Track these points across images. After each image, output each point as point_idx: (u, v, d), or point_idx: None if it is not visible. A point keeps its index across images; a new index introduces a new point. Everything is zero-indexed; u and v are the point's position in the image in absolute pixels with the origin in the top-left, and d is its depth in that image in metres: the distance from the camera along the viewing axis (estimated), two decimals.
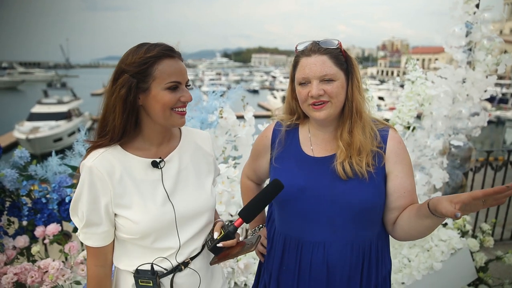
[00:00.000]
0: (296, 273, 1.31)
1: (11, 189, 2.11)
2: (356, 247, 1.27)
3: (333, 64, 1.21)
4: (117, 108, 1.06)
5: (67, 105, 22.85)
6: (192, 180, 1.22)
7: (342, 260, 1.26)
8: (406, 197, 1.24)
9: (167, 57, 1.07)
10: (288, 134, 1.39)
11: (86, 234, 1.12)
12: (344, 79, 1.24)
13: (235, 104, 2.40)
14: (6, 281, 1.76)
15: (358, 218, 1.25)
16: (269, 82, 62.64)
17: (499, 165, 3.70)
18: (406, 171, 1.26)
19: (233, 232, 1.17)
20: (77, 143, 2.23)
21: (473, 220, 3.53)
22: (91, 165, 1.07)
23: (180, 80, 1.09)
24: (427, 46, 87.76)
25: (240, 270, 1.95)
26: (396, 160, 1.25)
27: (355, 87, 1.25)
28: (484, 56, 2.65)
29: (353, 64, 1.26)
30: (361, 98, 1.26)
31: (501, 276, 2.75)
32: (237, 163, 2.43)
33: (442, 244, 2.38)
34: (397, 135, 1.29)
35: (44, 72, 73.23)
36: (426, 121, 2.77)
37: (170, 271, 1.16)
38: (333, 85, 1.20)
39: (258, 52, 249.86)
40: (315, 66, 1.20)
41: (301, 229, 1.31)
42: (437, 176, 2.52)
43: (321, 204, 1.26)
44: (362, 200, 1.22)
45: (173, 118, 1.10)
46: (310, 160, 1.31)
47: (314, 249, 1.28)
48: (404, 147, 1.28)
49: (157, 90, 1.06)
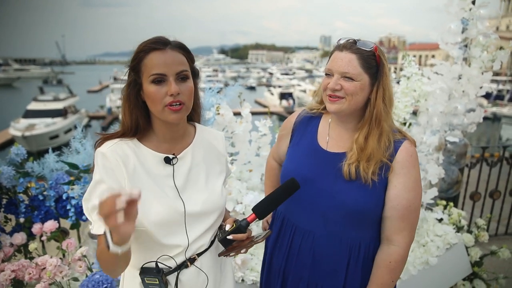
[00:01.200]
0: (286, 254, 1.40)
1: (8, 186, 2.11)
2: (344, 243, 1.31)
3: (359, 65, 1.23)
4: (125, 103, 1.10)
5: (63, 102, 22.75)
6: (203, 178, 1.21)
7: (328, 253, 1.31)
8: (398, 210, 1.25)
9: (154, 50, 1.06)
10: (310, 121, 1.44)
11: (99, 221, 1.02)
12: (368, 82, 1.25)
13: (232, 100, 2.41)
14: (3, 278, 1.76)
15: (350, 218, 1.28)
16: (266, 78, 62.58)
17: (494, 161, 3.73)
18: (407, 185, 1.25)
19: (245, 227, 1.17)
20: (74, 140, 2.23)
21: (468, 215, 3.56)
22: (105, 151, 1.07)
23: (163, 72, 1.04)
24: (424, 43, 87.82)
25: (237, 266, 1.96)
26: (400, 171, 1.25)
27: (379, 94, 1.25)
28: (480, 52, 2.66)
29: (383, 72, 1.26)
30: (384, 107, 1.26)
31: (496, 270, 2.78)
32: (234, 160, 2.43)
33: (438, 239, 2.40)
34: (411, 148, 1.28)
35: (40, 69, 72.75)
36: (422, 117, 2.78)
37: (175, 268, 1.14)
38: (351, 84, 1.23)
39: (255, 48, 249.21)
40: (341, 61, 1.24)
41: (297, 215, 1.37)
42: (433, 172, 2.54)
43: (318, 197, 1.30)
44: (356, 202, 1.25)
45: (165, 114, 1.07)
46: (321, 153, 1.35)
47: (304, 236, 1.35)
48: (413, 161, 1.27)
49: (145, 84, 1.07)
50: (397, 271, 1.28)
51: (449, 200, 2.88)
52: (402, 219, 1.27)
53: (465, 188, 3.73)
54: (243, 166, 2.49)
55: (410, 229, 1.29)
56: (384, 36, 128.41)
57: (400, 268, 1.29)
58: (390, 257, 1.28)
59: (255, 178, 2.49)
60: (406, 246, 1.28)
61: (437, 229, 2.46)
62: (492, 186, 3.82)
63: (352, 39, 1.27)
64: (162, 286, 1.12)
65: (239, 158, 2.44)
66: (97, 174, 1.06)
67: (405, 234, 1.28)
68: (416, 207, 1.28)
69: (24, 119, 19.81)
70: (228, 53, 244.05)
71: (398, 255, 1.27)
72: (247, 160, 2.50)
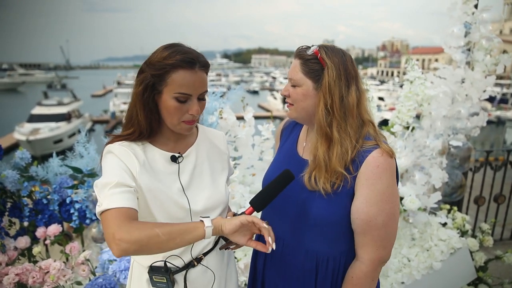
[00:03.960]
0: (263, 257, 1.39)
1: (12, 190, 2.12)
2: (310, 255, 1.26)
3: (301, 70, 1.20)
4: (137, 103, 1.10)
5: (67, 107, 22.86)
6: (207, 176, 1.24)
7: (295, 263, 1.29)
8: (357, 224, 1.18)
9: (184, 68, 1.07)
10: (295, 127, 1.43)
11: (112, 196, 0.97)
12: (311, 87, 1.19)
13: (235, 105, 2.41)
14: (7, 282, 1.77)
15: (315, 230, 1.24)
16: (269, 83, 62.61)
17: (499, 165, 3.71)
18: (368, 198, 1.15)
19: None
20: (78, 144, 2.25)
21: (472, 219, 3.54)
22: (116, 147, 1.09)
23: (190, 92, 1.08)
24: (427, 47, 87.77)
25: (240, 270, 1.96)
26: (364, 183, 1.16)
27: (321, 100, 1.16)
28: (483, 56, 2.66)
29: (327, 74, 1.15)
30: (327, 114, 1.16)
31: (501, 275, 2.76)
32: (237, 164, 2.43)
33: (442, 243, 2.38)
34: (380, 157, 1.15)
35: (44, 74, 73.21)
36: (425, 121, 2.78)
37: (183, 268, 1.17)
38: (294, 90, 1.22)
39: (258, 52, 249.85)
40: (290, 69, 1.25)
41: (271, 220, 1.30)
42: (437, 176, 2.53)
43: (287, 204, 1.28)
44: (319, 211, 1.21)
45: (180, 127, 1.13)
46: (296, 159, 1.33)
47: (277, 242, 1.28)
48: (380, 172, 1.15)
49: (167, 96, 1.08)
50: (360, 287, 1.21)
51: (453, 204, 2.86)
52: (364, 234, 1.19)
53: (469, 192, 3.71)
54: (246, 170, 2.49)
55: (374, 245, 1.18)
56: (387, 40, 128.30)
57: (363, 284, 1.21)
58: (353, 272, 1.22)
59: (258, 182, 2.49)
60: (370, 262, 1.19)
61: (441, 233, 2.44)
62: (496, 190, 3.79)
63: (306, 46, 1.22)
64: (169, 284, 1.15)
65: (242, 162, 2.44)
66: (106, 166, 1.07)
67: (367, 250, 1.19)
68: (379, 223, 1.15)
69: (29, 124, 19.93)
70: (231, 58, 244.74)
71: (360, 271, 1.20)
72: (250, 164, 2.50)
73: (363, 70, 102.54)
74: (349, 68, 1.19)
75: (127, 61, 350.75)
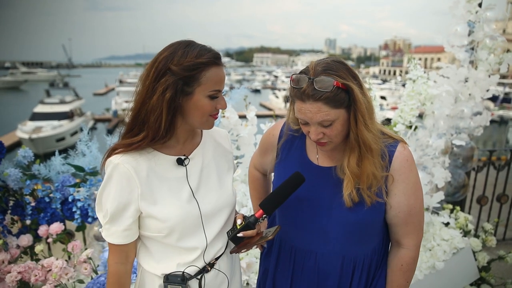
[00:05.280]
0: (290, 276, 1.35)
1: (14, 188, 2.12)
2: (347, 259, 1.28)
3: (330, 108, 1.09)
4: (163, 109, 1.03)
5: (70, 105, 22.93)
6: (214, 177, 1.23)
7: (332, 270, 1.28)
8: (400, 217, 1.24)
9: (215, 65, 1.06)
10: (295, 139, 1.36)
11: (108, 231, 1.10)
12: (345, 114, 1.13)
13: (237, 103, 2.41)
14: (10, 280, 1.78)
15: (352, 234, 1.25)
16: (271, 81, 62.58)
17: (502, 164, 3.69)
18: (406, 191, 1.22)
19: (254, 223, 1.18)
20: (80, 143, 2.25)
21: (475, 219, 3.53)
22: (118, 162, 1.06)
23: (221, 88, 1.10)
24: (429, 46, 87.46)
25: (243, 269, 1.95)
26: (398, 178, 1.21)
27: (360, 123, 1.13)
28: (487, 55, 2.64)
29: (355, 99, 1.10)
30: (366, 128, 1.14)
31: (504, 275, 2.75)
32: (240, 163, 2.43)
33: (444, 243, 2.38)
34: (404, 151, 1.22)
35: (47, 72, 73.35)
36: (428, 121, 2.77)
37: (197, 273, 1.16)
38: (332, 128, 1.13)
39: (260, 51, 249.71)
40: (310, 113, 1.11)
41: (296, 236, 1.33)
42: (439, 175, 2.52)
43: (317, 215, 1.26)
44: (358, 217, 1.22)
45: (208, 123, 1.13)
46: (314, 169, 1.29)
47: (306, 256, 1.31)
48: (410, 165, 1.22)
49: (199, 96, 1.06)
50: (410, 272, 1.30)
51: (455, 204, 2.85)
52: (406, 224, 1.25)
53: (472, 192, 3.69)
54: (248, 169, 2.49)
55: (415, 230, 1.27)
56: (389, 39, 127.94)
57: (412, 268, 1.30)
58: (401, 260, 1.28)
59: None
60: (415, 247, 1.29)
61: (444, 233, 2.43)
62: (499, 190, 3.78)
63: (306, 78, 1.09)
64: None
65: (244, 161, 2.44)
66: (105, 185, 1.09)
67: (412, 236, 1.27)
68: (418, 210, 1.25)
69: (31, 122, 19.99)
70: (233, 56, 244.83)
71: (409, 257, 1.28)
72: None
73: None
74: (352, 71, 1.15)
75: (129, 59, 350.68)
